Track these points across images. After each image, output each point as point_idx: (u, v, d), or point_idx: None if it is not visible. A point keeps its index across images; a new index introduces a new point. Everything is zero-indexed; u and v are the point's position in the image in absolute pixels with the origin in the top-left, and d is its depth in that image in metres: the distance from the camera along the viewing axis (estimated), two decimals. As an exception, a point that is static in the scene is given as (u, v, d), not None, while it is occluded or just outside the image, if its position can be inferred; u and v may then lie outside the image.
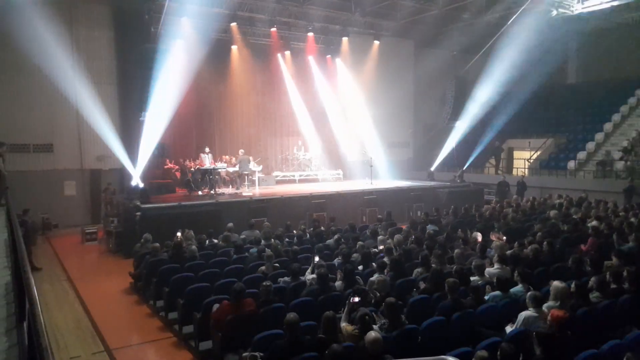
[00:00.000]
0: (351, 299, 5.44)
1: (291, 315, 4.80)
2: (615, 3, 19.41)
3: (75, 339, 7.23)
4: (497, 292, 6.03)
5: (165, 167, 18.11)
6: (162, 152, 17.23)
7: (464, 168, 21.37)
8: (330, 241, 9.86)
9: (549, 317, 4.63)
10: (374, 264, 7.71)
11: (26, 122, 16.02)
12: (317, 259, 7.86)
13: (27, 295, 3.20)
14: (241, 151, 17.30)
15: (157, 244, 9.47)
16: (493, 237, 9.94)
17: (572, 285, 5.65)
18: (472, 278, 6.70)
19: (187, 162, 17.88)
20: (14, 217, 7.58)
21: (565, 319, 4.52)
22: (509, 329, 5.29)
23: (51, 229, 15.94)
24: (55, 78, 15.58)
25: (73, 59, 16.31)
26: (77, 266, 11.79)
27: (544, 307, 5.29)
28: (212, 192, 15.40)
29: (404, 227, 10.84)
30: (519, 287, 6.21)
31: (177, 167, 18.26)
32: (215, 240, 10.41)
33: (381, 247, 8.88)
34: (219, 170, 16.49)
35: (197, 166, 16.28)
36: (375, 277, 6.68)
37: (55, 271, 11.27)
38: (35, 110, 16.16)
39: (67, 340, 7.16)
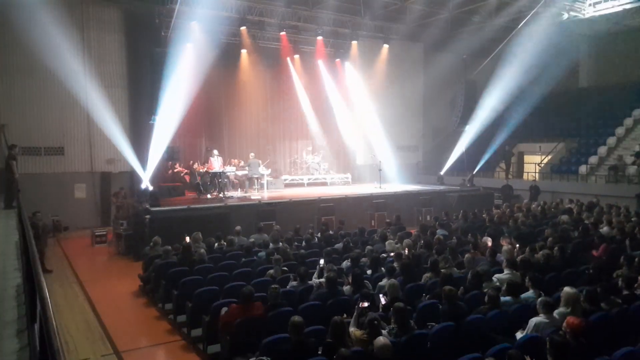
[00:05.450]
0: (360, 303, 5.41)
1: (295, 318, 4.79)
2: (627, 6, 19.27)
3: (84, 341, 7.26)
4: (508, 298, 5.98)
5: (175, 170, 18.21)
6: (172, 155, 17.31)
7: (474, 172, 21.25)
8: (338, 245, 9.83)
9: (563, 324, 4.57)
10: (382, 268, 7.68)
11: (38, 125, 16.23)
12: (322, 262, 7.81)
13: (38, 296, 3.21)
14: (251, 154, 17.34)
15: (167, 247, 9.51)
16: (503, 242, 9.84)
17: (584, 292, 5.58)
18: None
19: (197, 166, 17.98)
20: (26, 219, 7.66)
21: (581, 327, 4.46)
22: (519, 335, 5.23)
23: (62, 231, 16.05)
24: (66, 81, 15.71)
25: (84, 62, 16.49)
26: (87, 268, 11.87)
27: (555, 313, 5.23)
28: (221, 195, 15.44)
29: (413, 231, 10.77)
30: (529, 293, 6.14)
31: (186, 170, 18.36)
32: (225, 243, 10.42)
33: (391, 254, 8.82)
34: (228, 173, 16.54)
35: (207, 169, 16.34)
36: (384, 281, 6.64)
37: (65, 273, 11.34)
38: (47, 113, 16.36)
39: (77, 342, 7.19)
